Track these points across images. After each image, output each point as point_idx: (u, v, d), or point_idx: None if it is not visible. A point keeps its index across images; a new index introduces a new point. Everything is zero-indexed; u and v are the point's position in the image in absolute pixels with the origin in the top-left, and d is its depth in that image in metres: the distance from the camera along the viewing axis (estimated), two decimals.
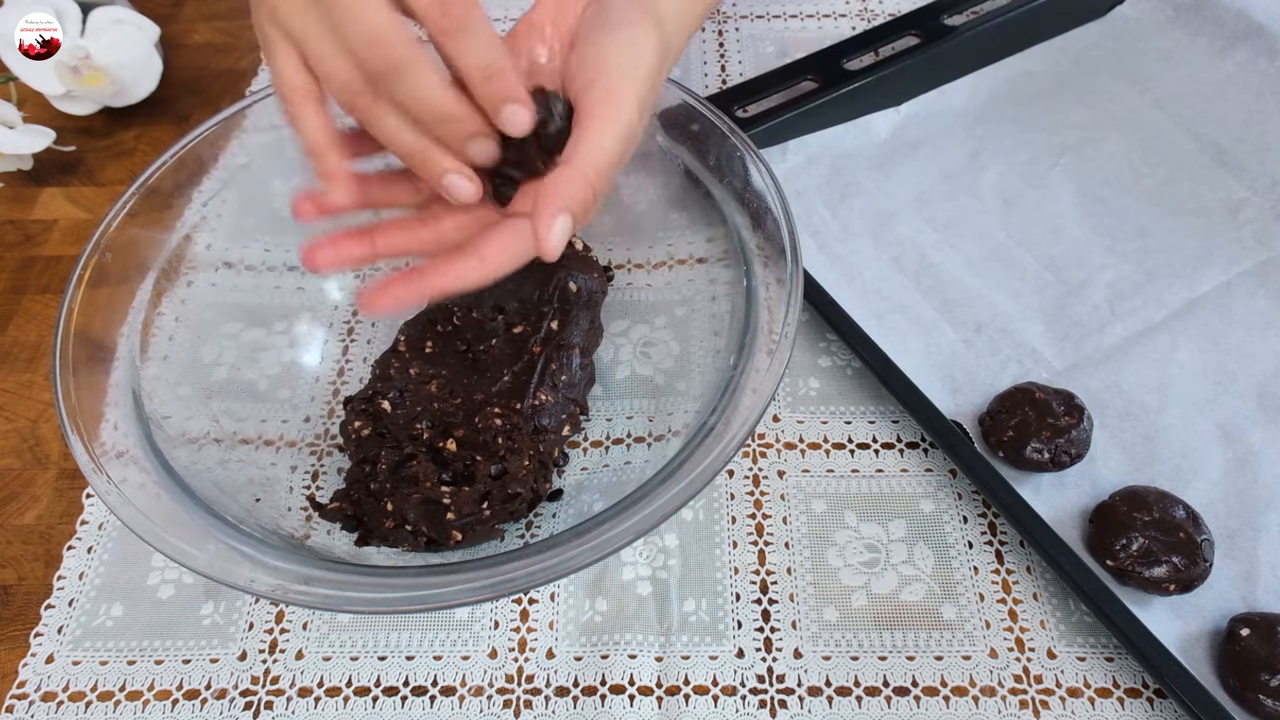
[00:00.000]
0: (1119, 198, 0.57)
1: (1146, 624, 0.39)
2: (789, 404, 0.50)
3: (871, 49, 0.63)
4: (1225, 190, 0.57)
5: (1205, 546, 0.42)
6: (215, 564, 0.35)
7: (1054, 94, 0.63)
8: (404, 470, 0.43)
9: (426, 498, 0.42)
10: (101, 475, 0.37)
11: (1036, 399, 0.46)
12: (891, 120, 0.61)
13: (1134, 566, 0.41)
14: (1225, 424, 0.47)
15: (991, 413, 0.47)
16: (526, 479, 0.43)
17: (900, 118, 0.61)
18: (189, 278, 0.47)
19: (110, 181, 0.63)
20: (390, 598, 0.35)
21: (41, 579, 0.46)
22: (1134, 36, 0.64)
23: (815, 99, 0.59)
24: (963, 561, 0.44)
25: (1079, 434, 0.45)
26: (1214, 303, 0.52)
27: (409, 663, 0.42)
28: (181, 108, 0.67)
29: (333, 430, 0.49)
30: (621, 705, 0.41)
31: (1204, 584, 0.42)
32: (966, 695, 0.41)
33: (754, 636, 0.43)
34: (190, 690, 0.42)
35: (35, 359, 0.54)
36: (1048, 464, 0.45)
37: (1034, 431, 0.45)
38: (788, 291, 0.41)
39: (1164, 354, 0.50)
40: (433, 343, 0.49)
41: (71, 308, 0.41)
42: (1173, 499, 0.43)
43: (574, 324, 0.49)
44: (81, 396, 0.39)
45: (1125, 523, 0.42)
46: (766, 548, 0.45)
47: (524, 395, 0.46)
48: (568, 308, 0.49)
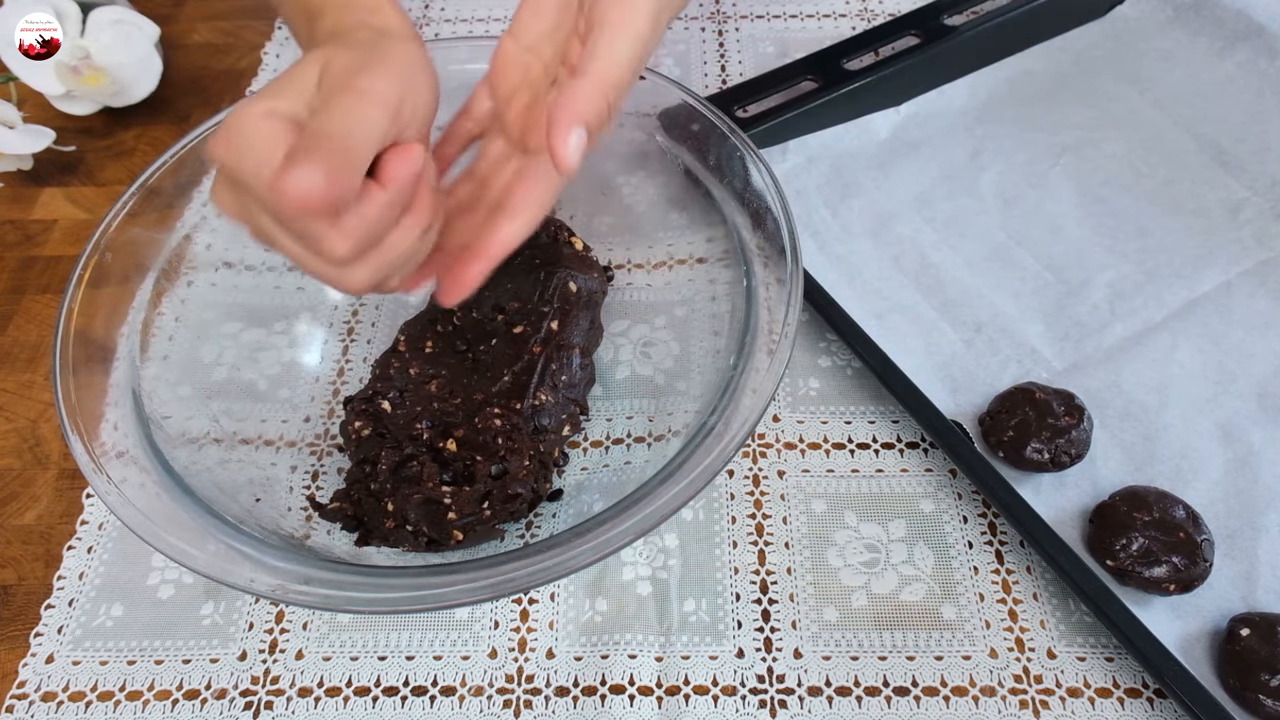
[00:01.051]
0: (1119, 198, 0.57)
1: (1146, 624, 0.39)
2: (789, 404, 0.50)
3: (871, 49, 0.63)
4: (1225, 190, 0.57)
5: (1205, 546, 0.42)
6: (215, 564, 0.35)
7: (1054, 94, 0.63)
8: (405, 470, 0.43)
9: (427, 498, 0.42)
10: (101, 475, 0.37)
11: (1037, 399, 0.46)
12: (891, 120, 0.61)
13: (1134, 566, 0.41)
14: (1225, 424, 0.47)
15: (991, 413, 0.47)
16: (527, 479, 0.43)
17: (900, 118, 0.61)
18: (189, 278, 0.47)
19: (110, 181, 0.63)
20: (390, 598, 0.35)
21: (41, 579, 0.46)
22: (1134, 36, 0.64)
23: (815, 99, 0.59)
24: (963, 561, 0.44)
25: (1079, 434, 0.45)
26: (1214, 303, 0.52)
27: (409, 663, 0.42)
28: (181, 108, 0.67)
29: (333, 430, 0.49)
30: (621, 705, 0.41)
31: (1204, 584, 0.41)
32: (966, 695, 0.41)
33: (754, 636, 0.43)
34: (190, 690, 0.42)
35: (35, 359, 0.54)
36: (1048, 464, 0.45)
37: (1034, 432, 0.45)
38: (788, 291, 0.41)
39: (1164, 354, 0.50)
40: (432, 343, 0.49)
41: (71, 308, 0.41)
42: (1173, 499, 0.43)
43: (574, 324, 0.49)
44: (81, 396, 0.39)
45: (1125, 523, 0.42)
46: (766, 548, 0.45)
47: (524, 395, 0.46)
48: (568, 308, 0.49)
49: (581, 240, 0.53)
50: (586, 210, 0.55)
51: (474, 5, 0.72)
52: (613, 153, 0.54)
